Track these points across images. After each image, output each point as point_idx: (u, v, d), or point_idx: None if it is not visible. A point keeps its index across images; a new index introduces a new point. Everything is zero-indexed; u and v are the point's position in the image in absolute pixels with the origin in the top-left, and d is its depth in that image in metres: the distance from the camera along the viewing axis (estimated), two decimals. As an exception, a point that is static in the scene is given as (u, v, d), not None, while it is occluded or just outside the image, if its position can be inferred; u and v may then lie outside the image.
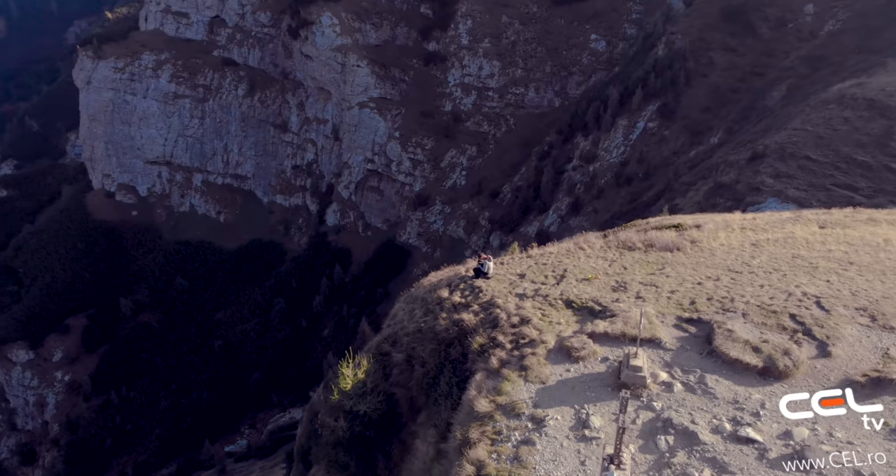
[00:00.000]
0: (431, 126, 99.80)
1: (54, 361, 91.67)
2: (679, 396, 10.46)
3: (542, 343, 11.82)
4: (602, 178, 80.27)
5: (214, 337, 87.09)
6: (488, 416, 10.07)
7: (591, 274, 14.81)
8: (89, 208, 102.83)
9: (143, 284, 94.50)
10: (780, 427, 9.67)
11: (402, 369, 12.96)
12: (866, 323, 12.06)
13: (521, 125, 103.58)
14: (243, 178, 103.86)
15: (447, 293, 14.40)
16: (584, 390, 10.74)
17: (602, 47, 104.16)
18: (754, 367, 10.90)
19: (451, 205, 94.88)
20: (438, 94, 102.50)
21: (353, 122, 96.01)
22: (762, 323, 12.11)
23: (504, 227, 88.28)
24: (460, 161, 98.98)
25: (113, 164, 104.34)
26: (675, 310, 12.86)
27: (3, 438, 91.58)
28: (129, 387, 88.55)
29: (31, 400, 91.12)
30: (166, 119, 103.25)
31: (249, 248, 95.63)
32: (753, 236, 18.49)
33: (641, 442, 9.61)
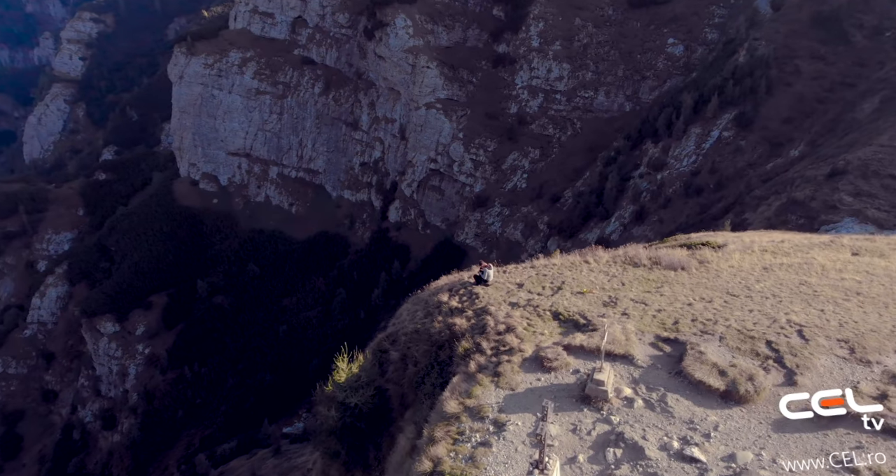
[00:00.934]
0: (495, 128, 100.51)
1: (137, 335, 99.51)
2: (638, 412, 11.10)
3: (520, 351, 12.72)
4: (670, 187, 78.14)
5: (280, 322, 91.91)
6: (455, 416, 11.08)
7: (587, 288, 15.51)
8: (176, 194, 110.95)
9: (218, 268, 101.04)
10: (726, 449, 10.16)
11: (397, 367, 14.20)
12: (843, 355, 12.21)
13: (587, 129, 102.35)
14: (315, 172, 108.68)
15: (446, 297, 15.52)
16: (549, 398, 11.58)
17: (680, 52, 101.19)
18: (717, 390, 11.38)
19: (510, 207, 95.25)
20: (504, 96, 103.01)
21: (419, 122, 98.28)
22: (737, 347, 12.50)
23: (563, 233, 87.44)
24: (522, 164, 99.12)
25: (198, 154, 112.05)
26: (656, 328, 13.40)
27: (89, 403, 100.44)
28: (200, 363, 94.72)
29: (115, 369, 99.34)
30: (248, 114, 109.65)
31: (317, 240, 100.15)
32: (771, 260, 18.44)
33: (592, 453, 10.33)
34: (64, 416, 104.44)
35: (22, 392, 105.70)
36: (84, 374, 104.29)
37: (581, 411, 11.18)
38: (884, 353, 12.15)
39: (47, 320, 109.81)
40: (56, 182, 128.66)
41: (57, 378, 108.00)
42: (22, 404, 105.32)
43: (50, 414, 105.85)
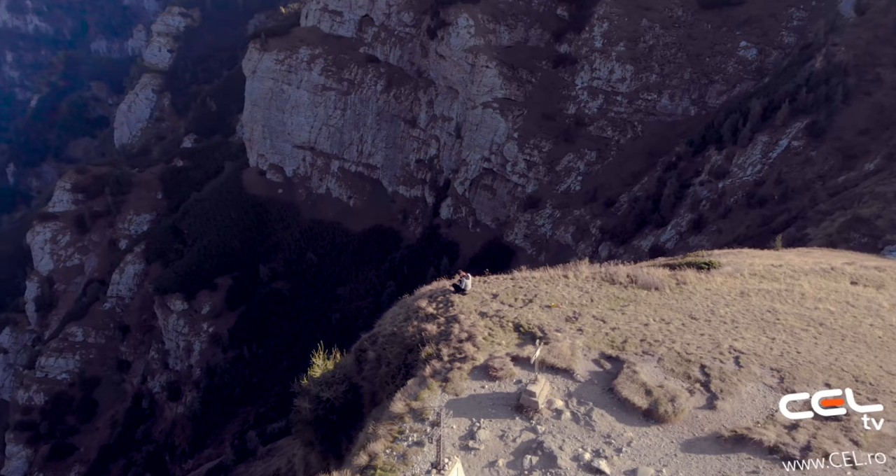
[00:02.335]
0: (551, 128, 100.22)
1: (202, 314, 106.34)
2: (563, 424, 12.25)
3: (473, 360, 14.08)
4: (731, 196, 75.70)
5: (333, 310, 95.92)
6: (399, 416, 12.53)
7: (555, 302, 16.64)
8: (244, 183, 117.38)
9: (279, 255, 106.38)
10: (632, 464, 11.20)
11: (373, 366, 15.85)
12: (772, 383, 12.90)
13: (648, 133, 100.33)
14: (373, 167, 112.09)
15: (425, 303, 17.05)
16: (487, 406, 12.82)
17: (752, 55, 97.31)
18: (639, 409, 12.39)
19: (562, 210, 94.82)
20: (563, 97, 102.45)
21: (475, 121, 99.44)
22: (671, 369, 13.40)
23: (615, 239, 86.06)
24: (577, 165, 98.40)
25: (267, 145, 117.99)
26: (604, 346, 14.44)
27: (157, 375, 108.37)
28: (258, 344, 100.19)
29: (182, 345, 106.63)
30: (314, 109, 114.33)
31: (371, 233, 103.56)
32: (755, 284, 18.85)
33: (512, 458, 11.54)
34: (135, 386, 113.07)
35: (99, 360, 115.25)
36: (154, 348, 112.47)
37: (513, 419, 12.42)
38: (811, 385, 12.76)
39: (125, 295, 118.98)
40: (139, 167, 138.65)
41: (131, 349, 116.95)
42: (99, 372, 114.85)
43: (123, 382, 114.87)
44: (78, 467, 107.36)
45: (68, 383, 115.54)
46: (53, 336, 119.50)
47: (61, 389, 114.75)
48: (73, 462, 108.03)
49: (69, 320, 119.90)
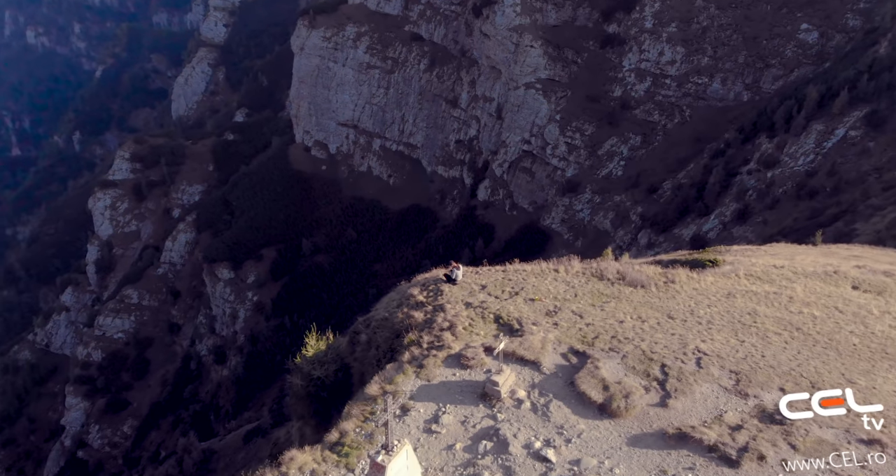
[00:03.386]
0: (595, 111, 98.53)
1: (247, 283, 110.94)
2: (522, 413, 13.16)
3: (449, 349, 15.09)
4: (780, 186, 73.34)
5: (370, 285, 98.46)
6: (373, 398, 13.71)
7: (539, 296, 17.41)
8: (290, 159, 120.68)
9: (321, 230, 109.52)
10: (577, 454, 12.03)
11: (364, 348, 17.07)
12: (727, 385, 13.44)
13: (697, 118, 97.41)
14: (413, 146, 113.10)
15: (416, 291, 18.10)
16: (455, 393, 13.81)
17: (813, 39, 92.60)
18: (595, 403, 13.18)
19: (602, 195, 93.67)
20: (609, 79, 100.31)
21: (516, 102, 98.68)
22: (633, 366, 14.09)
23: (656, 226, 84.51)
24: (620, 150, 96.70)
25: (312, 122, 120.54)
26: (575, 341, 15.19)
27: (205, 339, 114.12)
28: (299, 315, 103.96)
29: (228, 311, 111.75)
30: (358, 87, 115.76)
31: (409, 211, 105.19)
32: (745, 285, 19.08)
33: (469, 443, 12.51)
34: (184, 348, 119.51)
35: (152, 322, 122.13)
36: (203, 313, 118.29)
37: (476, 406, 13.40)
38: (766, 389, 13.24)
39: (177, 262, 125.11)
40: (193, 139, 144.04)
41: (181, 313, 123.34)
42: (152, 333, 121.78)
43: (173, 344, 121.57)
44: (131, 421, 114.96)
45: (124, 342, 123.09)
46: (111, 297, 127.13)
47: (117, 348, 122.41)
48: (127, 416, 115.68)
49: (126, 283, 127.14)
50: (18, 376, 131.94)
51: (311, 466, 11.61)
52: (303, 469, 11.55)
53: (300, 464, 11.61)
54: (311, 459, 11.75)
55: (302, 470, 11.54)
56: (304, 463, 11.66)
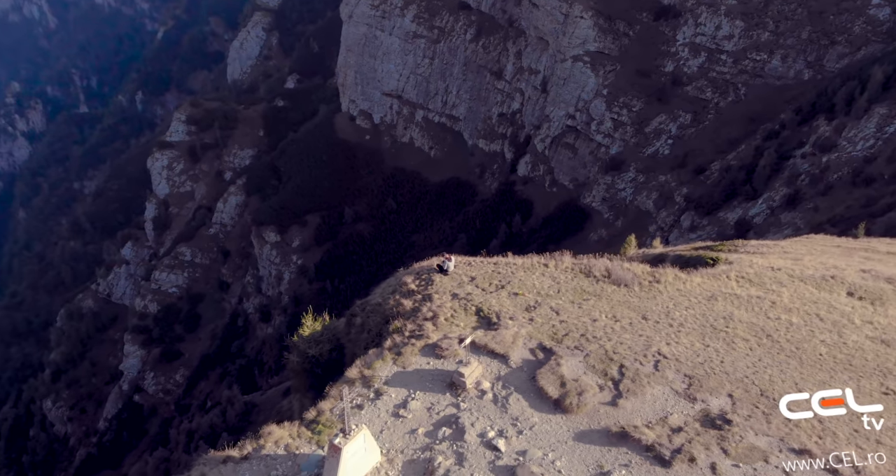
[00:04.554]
0: (644, 86, 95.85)
1: (292, 247, 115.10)
2: (483, 404, 14.31)
3: (427, 338, 16.32)
4: (835, 172, 70.73)
5: (407, 256, 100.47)
6: (351, 381, 15.11)
7: (523, 290, 18.36)
8: (336, 127, 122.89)
9: (363, 199, 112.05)
10: (525, 445, 13.10)
11: (357, 331, 18.52)
12: (679, 389, 14.23)
13: (752, 96, 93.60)
14: (455, 119, 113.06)
15: (410, 280, 19.32)
16: (427, 381, 15.04)
17: (885, 15, 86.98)
18: (550, 398, 14.22)
19: (646, 174, 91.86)
20: (661, 53, 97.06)
21: (563, 75, 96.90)
22: (593, 365, 15.01)
23: (700, 209, 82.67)
24: (668, 128, 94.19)
25: (358, 91, 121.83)
26: (545, 337, 16.17)
27: (251, 297, 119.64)
28: (339, 280, 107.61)
29: (273, 273, 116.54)
30: (404, 56, 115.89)
31: (448, 184, 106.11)
32: (731, 288, 19.47)
33: (431, 428, 13.72)
34: (232, 305, 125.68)
35: (204, 279, 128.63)
36: (250, 273, 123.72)
37: (443, 395, 14.62)
38: (715, 394, 13.98)
39: (227, 223, 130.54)
40: (245, 104, 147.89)
41: (230, 272, 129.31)
42: (203, 289, 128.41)
43: (223, 301, 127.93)
44: (182, 370, 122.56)
45: (177, 297, 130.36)
46: (166, 253, 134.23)
47: (171, 301, 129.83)
48: (179, 366, 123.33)
49: (180, 241, 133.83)
50: (82, 323, 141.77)
51: (287, 441, 13.20)
52: (278, 443, 13.15)
53: (277, 438, 13.21)
54: (286, 435, 13.34)
55: (277, 443, 13.14)
56: (281, 437, 13.25)
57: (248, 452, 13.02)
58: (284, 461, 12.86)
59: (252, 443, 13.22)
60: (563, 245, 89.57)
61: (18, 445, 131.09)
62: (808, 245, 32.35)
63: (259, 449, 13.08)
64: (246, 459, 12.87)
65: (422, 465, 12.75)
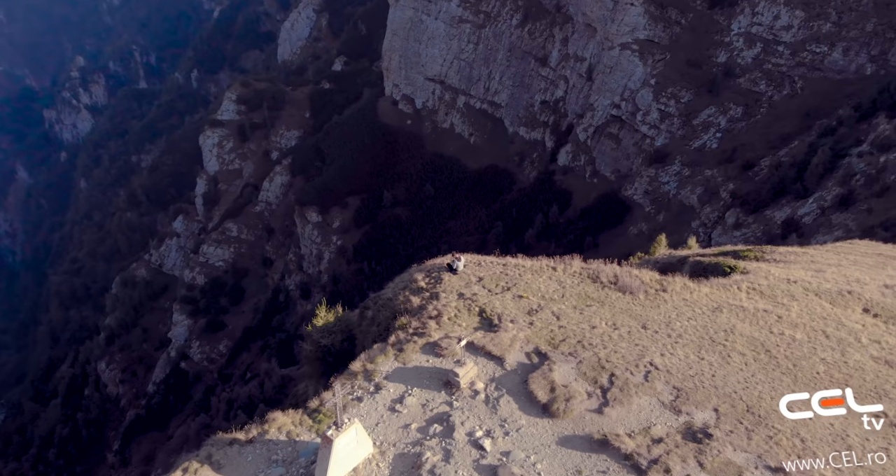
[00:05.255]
0: (694, 77, 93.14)
1: (333, 227, 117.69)
2: (475, 404, 15.00)
3: (429, 336, 17.09)
4: (893, 173, 67.96)
5: (443, 241, 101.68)
6: (354, 374, 16.04)
7: (527, 294, 18.87)
8: (379, 111, 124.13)
9: (402, 183, 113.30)
10: (511, 446, 13.71)
11: (368, 323, 19.44)
12: (666, 400, 14.59)
13: (809, 91, 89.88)
14: (497, 105, 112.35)
15: (420, 277, 20.07)
16: (424, 378, 15.82)
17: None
18: (539, 402, 14.81)
19: (692, 168, 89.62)
20: (714, 43, 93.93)
21: (609, 63, 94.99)
22: (584, 372, 15.48)
23: (746, 206, 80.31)
24: (718, 121, 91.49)
25: (401, 76, 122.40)
26: (542, 341, 16.70)
27: (293, 274, 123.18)
28: (376, 262, 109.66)
29: (314, 252, 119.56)
30: (448, 41, 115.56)
31: (486, 172, 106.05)
32: (741, 300, 19.45)
33: (424, 424, 14.51)
34: (275, 281, 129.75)
35: (248, 255, 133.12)
36: (293, 251, 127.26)
37: (438, 392, 15.38)
38: (700, 408, 14.30)
39: (272, 201, 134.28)
40: (293, 85, 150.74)
41: (274, 249, 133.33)
42: (248, 264, 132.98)
43: (266, 277, 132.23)
44: (226, 341, 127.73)
45: (223, 270, 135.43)
46: (214, 228, 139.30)
47: (218, 275, 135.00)
48: (223, 336, 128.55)
49: (228, 217, 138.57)
50: (136, 291, 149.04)
51: (289, 428, 14.27)
52: (281, 429, 14.23)
53: (280, 424, 14.30)
54: (289, 422, 14.41)
55: (280, 430, 14.22)
56: (284, 424, 14.33)
57: (253, 436, 14.15)
58: (285, 447, 13.94)
59: (257, 428, 14.33)
60: (601, 238, 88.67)
61: (74, 403, 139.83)
62: (843, 253, 31.54)
63: (263, 434, 14.19)
64: (250, 443, 14.00)
65: (411, 459, 13.59)
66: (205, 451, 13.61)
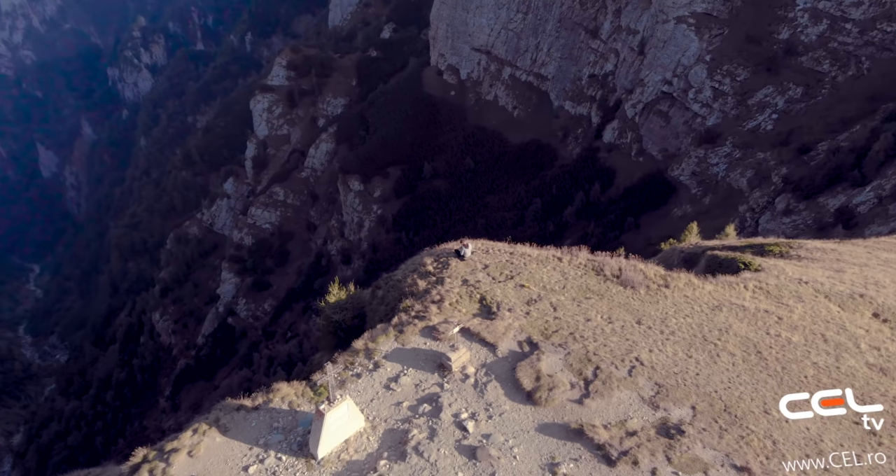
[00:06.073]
0: (753, 54, 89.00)
1: (374, 196, 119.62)
2: (464, 387, 15.92)
3: (429, 320, 18.02)
4: (960, 163, 64.45)
5: (480, 215, 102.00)
6: (356, 351, 17.15)
7: (529, 283, 19.50)
8: (423, 81, 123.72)
9: (442, 155, 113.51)
10: (492, 429, 14.64)
11: (378, 302, 20.51)
12: (646, 395, 15.18)
13: (877, 72, 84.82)
14: (544, 78, 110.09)
15: (429, 261, 20.92)
16: (420, 359, 16.80)
17: None
18: (524, 389, 15.62)
19: (743, 149, 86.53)
20: (777, 18, 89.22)
21: (663, 36, 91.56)
22: (570, 364, 16.16)
23: (798, 192, 77.27)
24: (775, 101, 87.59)
25: (448, 45, 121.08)
26: (535, 331, 17.39)
27: (335, 240, 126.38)
28: (414, 233, 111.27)
29: (355, 220, 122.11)
30: (496, 10, 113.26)
31: (528, 146, 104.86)
32: (742, 300, 19.54)
33: (415, 403, 15.52)
34: (318, 245, 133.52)
35: (294, 219, 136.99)
36: (335, 218, 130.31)
37: (432, 374, 16.37)
38: (678, 405, 14.85)
39: (317, 168, 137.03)
40: (341, 52, 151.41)
41: (318, 215, 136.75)
42: (293, 228, 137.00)
43: (309, 241, 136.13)
44: (270, 300, 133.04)
45: (270, 232, 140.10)
46: (262, 192, 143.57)
47: (264, 236, 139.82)
48: (267, 296, 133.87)
49: (275, 181, 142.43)
50: (188, 247, 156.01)
51: (291, 398, 15.57)
52: (284, 399, 15.55)
53: (283, 395, 15.61)
54: (292, 392, 15.71)
55: (283, 399, 15.54)
56: (287, 394, 15.64)
57: (259, 404, 15.52)
58: (286, 416, 15.26)
59: (263, 396, 15.69)
60: (643, 219, 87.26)
61: (130, 349, 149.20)
62: (879, 250, 30.64)
63: (268, 402, 15.54)
64: (256, 410, 15.39)
65: (399, 435, 14.71)
66: (214, 415, 15.06)
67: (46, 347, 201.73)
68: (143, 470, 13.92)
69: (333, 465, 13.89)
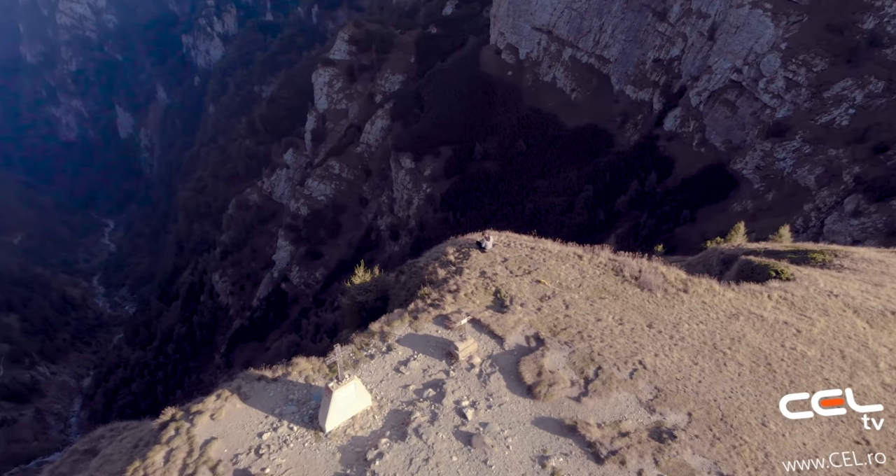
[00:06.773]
0: (833, 44, 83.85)
1: (424, 175, 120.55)
2: (469, 376, 16.67)
3: (442, 309, 18.77)
4: None
5: (528, 200, 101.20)
6: (372, 333, 18.14)
7: (545, 279, 19.89)
8: (481, 60, 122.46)
9: (494, 137, 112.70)
10: (490, 418, 15.40)
11: (400, 287, 21.38)
12: (643, 399, 15.50)
13: (973, 68, 78.71)
14: (606, 60, 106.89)
15: (451, 251, 21.57)
16: (431, 346, 17.63)
17: None
18: (525, 383, 16.21)
19: (814, 145, 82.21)
20: (862, 6, 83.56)
21: (736, 22, 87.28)
22: (573, 362, 16.60)
23: (870, 193, 73.18)
24: (853, 95, 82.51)
25: (508, 24, 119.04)
26: (544, 328, 17.86)
27: (384, 216, 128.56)
28: (461, 213, 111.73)
29: (405, 197, 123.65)
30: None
31: (584, 131, 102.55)
32: (762, 310, 19.31)
33: (420, 387, 16.39)
34: (368, 220, 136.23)
35: (347, 193, 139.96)
36: (386, 194, 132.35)
37: (440, 361, 17.19)
38: (675, 410, 15.12)
39: (372, 144, 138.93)
40: (402, 29, 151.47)
41: (370, 190, 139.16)
42: (345, 201, 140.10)
43: (360, 215, 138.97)
44: (322, 269, 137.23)
45: (324, 204, 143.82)
46: (319, 164, 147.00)
47: (319, 208, 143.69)
48: (319, 265, 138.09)
49: (332, 155, 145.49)
50: (248, 213, 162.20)
51: (308, 373, 16.73)
52: (301, 373, 16.73)
53: (301, 369, 16.79)
54: (309, 368, 16.87)
55: (301, 374, 16.72)
56: (304, 369, 16.81)
57: (278, 376, 16.77)
58: (302, 389, 16.45)
59: (283, 369, 16.92)
60: (700, 212, 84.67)
61: (191, 307, 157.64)
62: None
63: (286, 375, 16.77)
64: (275, 381, 16.64)
65: (403, 416, 15.65)
66: (236, 383, 16.41)
67: (117, 298, 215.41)
68: (171, 428, 15.40)
69: (339, 438, 14.97)
